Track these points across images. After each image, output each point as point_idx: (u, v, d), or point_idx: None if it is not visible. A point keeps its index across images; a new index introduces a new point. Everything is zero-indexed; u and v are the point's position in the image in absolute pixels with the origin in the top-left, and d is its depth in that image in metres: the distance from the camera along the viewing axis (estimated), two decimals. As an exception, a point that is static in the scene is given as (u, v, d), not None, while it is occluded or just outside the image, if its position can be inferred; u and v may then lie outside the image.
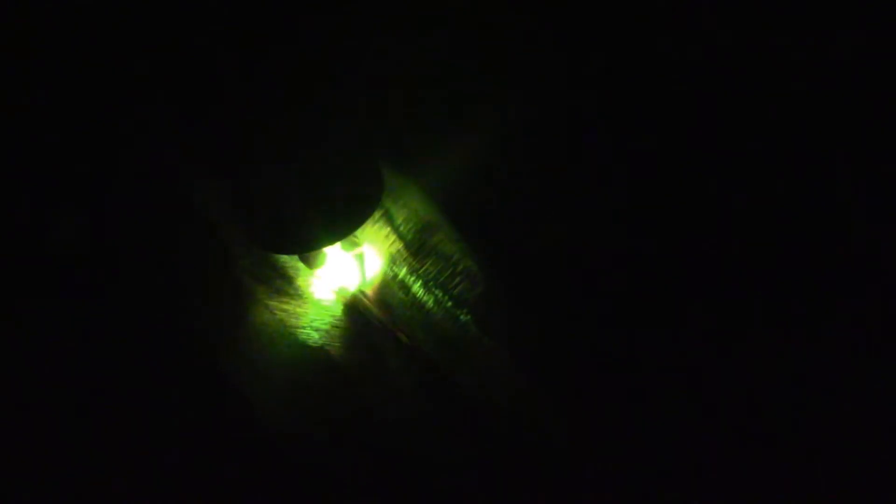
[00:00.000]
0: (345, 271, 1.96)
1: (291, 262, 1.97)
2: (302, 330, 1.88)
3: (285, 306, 1.91)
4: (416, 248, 1.89)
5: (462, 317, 1.82)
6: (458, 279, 1.85)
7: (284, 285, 1.95)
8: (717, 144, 1.79)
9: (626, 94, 1.86)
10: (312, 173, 1.77)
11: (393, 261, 1.91)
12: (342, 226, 1.80)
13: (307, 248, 1.87)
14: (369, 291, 1.93)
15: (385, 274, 1.92)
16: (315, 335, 1.88)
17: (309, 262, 1.97)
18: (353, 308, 1.93)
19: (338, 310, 1.93)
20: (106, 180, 1.94)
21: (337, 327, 1.90)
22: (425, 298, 1.87)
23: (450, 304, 1.84)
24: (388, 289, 1.91)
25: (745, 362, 1.66)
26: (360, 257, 1.94)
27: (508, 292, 1.83)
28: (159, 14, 1.84)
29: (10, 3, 1.79)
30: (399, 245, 1.91)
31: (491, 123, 1.88)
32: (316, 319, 1.91)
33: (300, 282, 1.96)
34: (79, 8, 1.79)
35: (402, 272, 1.90)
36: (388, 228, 1.93)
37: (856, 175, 1.70)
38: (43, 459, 1.71)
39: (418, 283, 1.88)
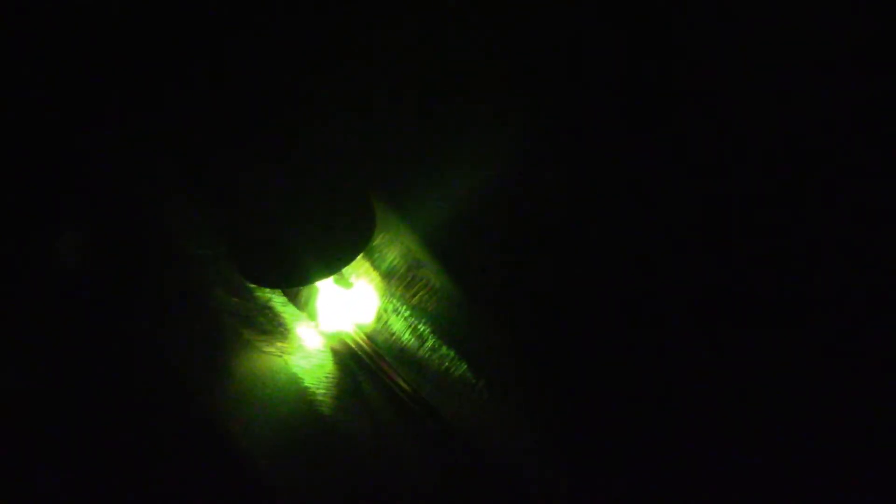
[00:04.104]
0: (335, 308, 1.88)
1: (280, 298, 1.91)
2: (289, 369, 1.82)
3: (272, 345, 1.85)
4: (407, 282, 1.83)
5: (454, 359, 1.77)
6: (448, 313, 1.79)
7: (272, 324, 1.88)
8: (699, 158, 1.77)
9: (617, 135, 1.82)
10: (304, 205, 1.71)
11: (385, 296, 1.85)
12: (335, 259, 1.71)
13: (299, 283, 1.80)
14: (361, 329, 1.86)
15: (377, 310, 1.86)
16: (304, 375, 1.82)
17: (298, 299, 1.91)
18: (343, 346, 1.86)
19: (327, 348, 1.86)
20: (84, 209, 1.91)
21: (325, 366, 1.84)
22: (416, 336, 1.81)
23: (439, 342, 1.78)
24: (380, 326, 1.84)
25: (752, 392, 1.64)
26: (351, 292, 1.86)
27: (497, 326, 1.79)
28: (148, 28, 1.84)
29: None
30: (390, 280, 1.85)
31: (486, 153, 1.83)
32: (304, 358, 1.84)
33: (289, 320, 1.89)
34: (78, 9, 1.80)
35: (394, 309, 1.84)
36: (380, 262, 1.86)
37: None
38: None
39: (411, 320, 1.82)
